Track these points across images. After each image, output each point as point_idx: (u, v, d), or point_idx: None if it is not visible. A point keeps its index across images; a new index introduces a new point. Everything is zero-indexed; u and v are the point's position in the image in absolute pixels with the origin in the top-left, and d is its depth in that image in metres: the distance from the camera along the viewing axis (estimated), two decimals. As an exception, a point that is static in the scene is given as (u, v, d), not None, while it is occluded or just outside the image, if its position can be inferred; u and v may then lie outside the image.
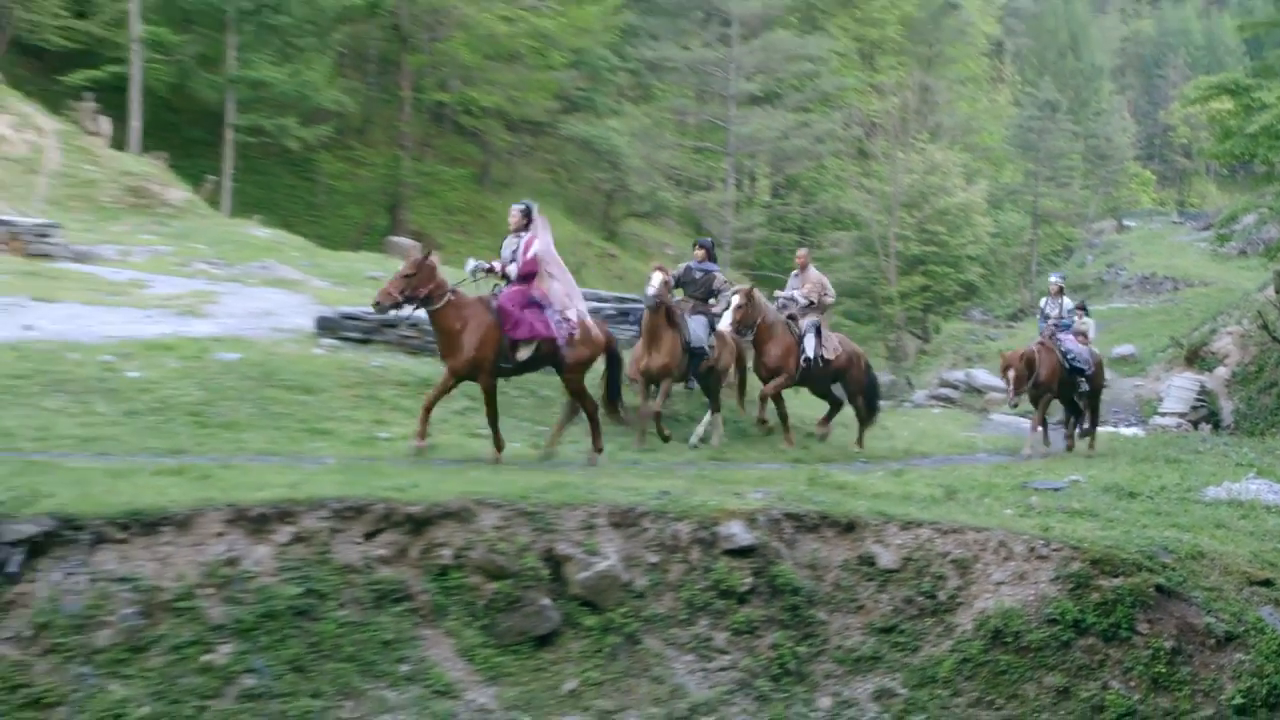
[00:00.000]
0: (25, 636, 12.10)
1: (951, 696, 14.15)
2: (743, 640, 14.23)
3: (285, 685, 12.33)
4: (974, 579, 15.03)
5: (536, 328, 16.54)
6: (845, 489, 16.76)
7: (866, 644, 14.57)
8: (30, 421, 15.90)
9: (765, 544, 14.82)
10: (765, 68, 69.82)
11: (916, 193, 66.78)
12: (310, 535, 13.35)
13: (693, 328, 19.53)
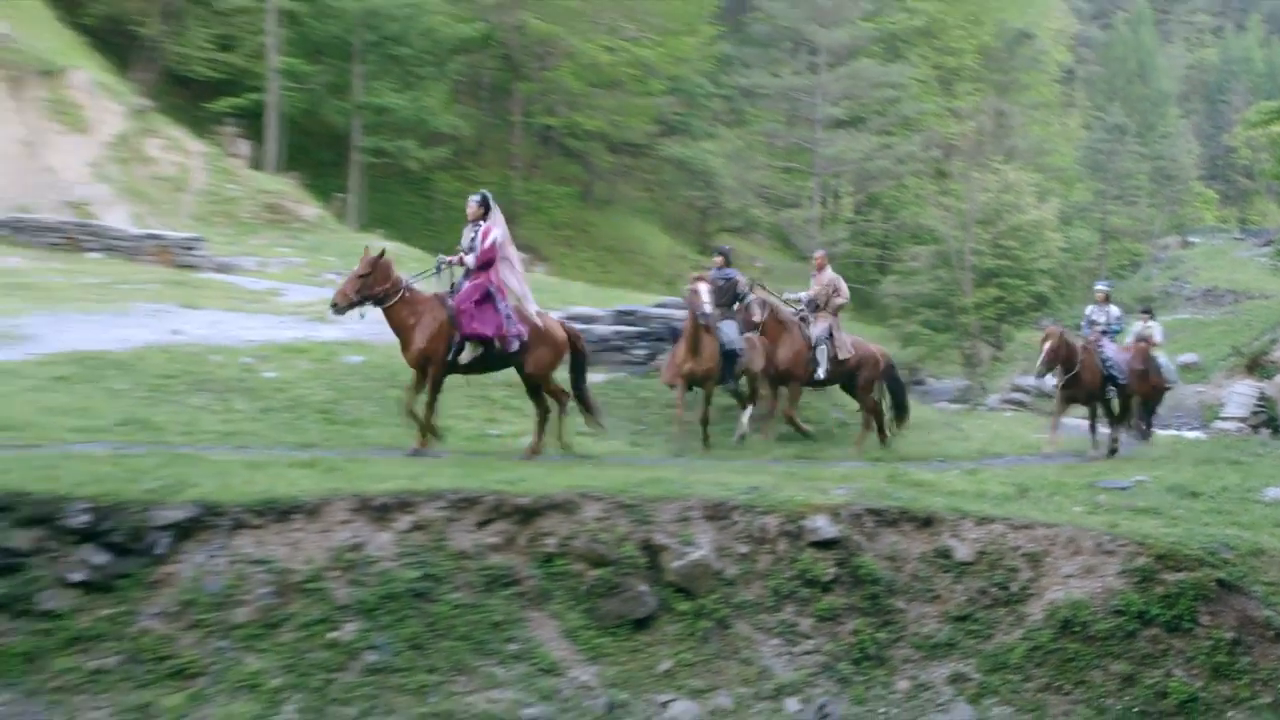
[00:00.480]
0: (171, 612, 12.25)
1: (1022, 681, 14.03)
2: (826, 626, 14.17)
3: (404, 661, 12.40)
4: (1044, 572, 14.89)
5: (489, 326, 15.92)
6: (923, 486, 16.63)
7: (942, 631, 14.46)
8: (178, 417, 16.09)
9: (848, 537, 14.75)
10: (850, 94, 69.66)
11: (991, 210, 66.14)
12: (428, 523, 13.42)
13: (726, 331, 19.00)
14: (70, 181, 38.19)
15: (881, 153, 69.59)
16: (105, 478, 13.10)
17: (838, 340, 20.65)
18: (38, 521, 12.40)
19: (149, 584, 12.43)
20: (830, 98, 68.46)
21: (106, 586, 12.35)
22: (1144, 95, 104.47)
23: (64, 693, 11.69)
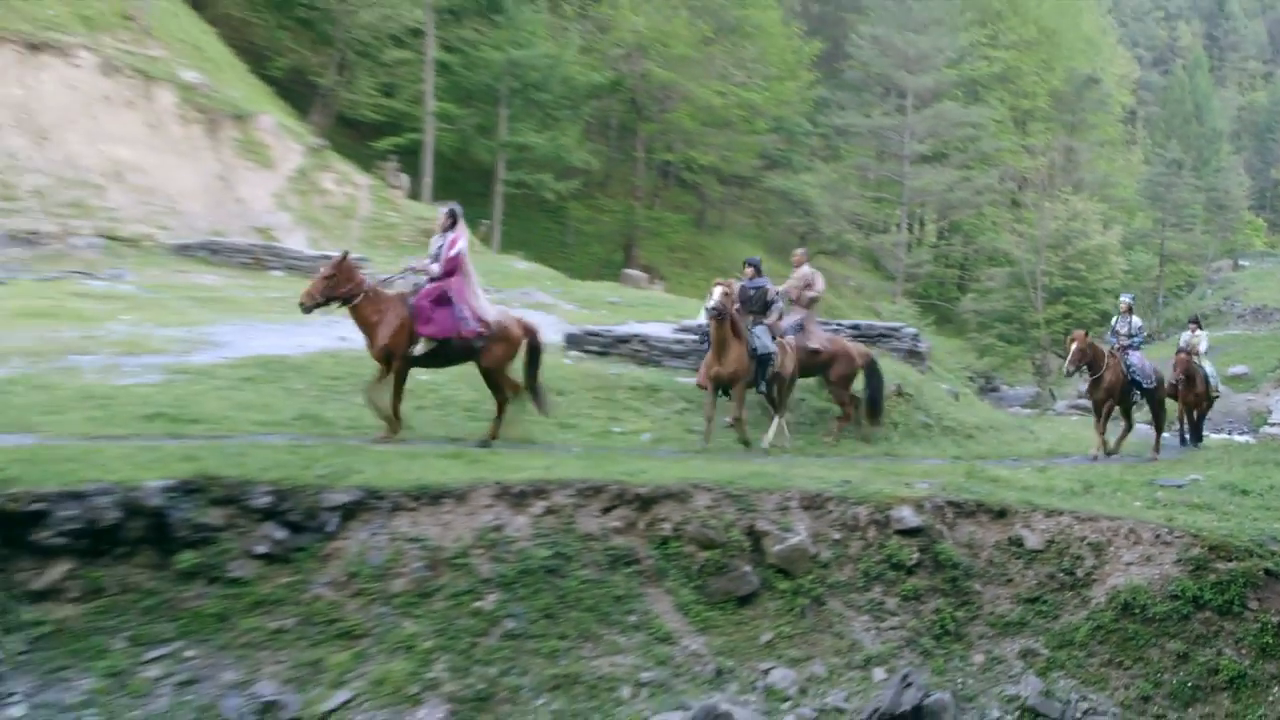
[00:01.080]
0: (339, 581, 12.43)
1: (1086, 657, 13.87)
2: (910, 605, 14.10)
3: (538, 629, 12.48)
4: (1107, 560, 14.72)
5: (444, 326, 15.26)
6: (997, 482, 16.48)
7: (1014, 611, 14.34)
8: (344, 413, 16.28)
9: (930, 526, 14.67)
10: (934, 133, 69.28)
11: (1060, 236, 65.47)
12: (559, 509, 13.50)
13: (758, 336, 18.20)
14: (257, 210, 38.79)
15: (962, 185, 69.22)
16: (284, 464, 13.32)
17: (809, 331, 20.07)
18: (228, 501, 12.65)
19: (320, 557, 12.63)
20: (916, 136, 68.18)
21: (284, 558, 12.57)
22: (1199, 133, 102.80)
23: (249, 649, 11.90)
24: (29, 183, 33.69)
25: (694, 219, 69.60)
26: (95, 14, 39.83)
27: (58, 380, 16.52)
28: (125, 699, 11.28)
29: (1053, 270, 64.29)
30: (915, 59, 69.43)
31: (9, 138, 34.38)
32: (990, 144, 72.51)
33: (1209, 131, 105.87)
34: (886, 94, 72.02)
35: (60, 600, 11.91)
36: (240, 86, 44.03)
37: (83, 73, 36.91)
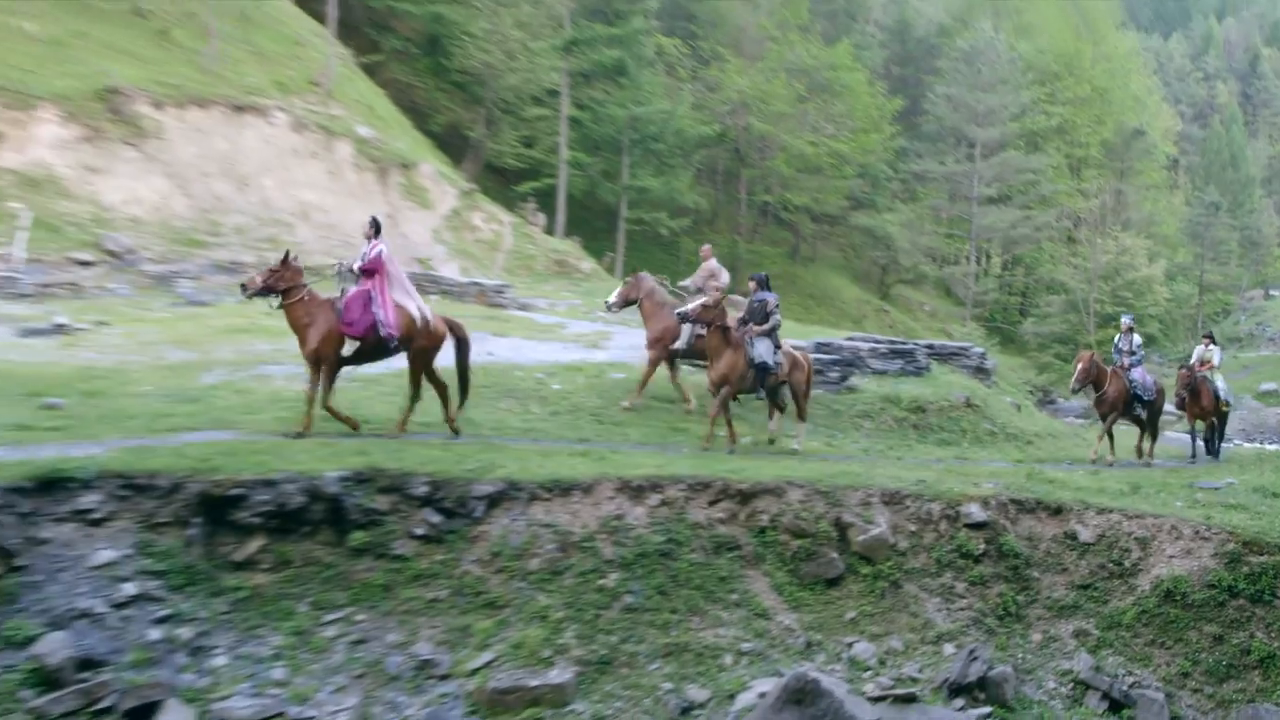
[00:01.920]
0: (484, 560, 12.55)
1: (1132, 638, 13.65)
2: (976, 589, 13.95)
3: (653, 603, 12.50)
4: (1152, 552, 14.46)
5: (360, 327, 14.38)
6: (1054, 483, 16.23)
7: (1069, 596, 14.14)
8: (490, 417, 16.42)
9: (995, 520, 14.51)
10: (1000, 178, 68.63)
11: (1111, 268, 64.52)
12: (672, 501, 13.52)
13: (758, 348, 17.01)
14: (418, 244, 39.26)
15: (1023, 223, 68.47)
16: (439, 460, 13.48)
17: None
18: (392, 490, 12.83)
19: (469, 538, 12.76)
20: (984, 180, 67.60)
21: (439, 539, 12.72)
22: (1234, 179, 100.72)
23: (409, 615, 12.05)
24: (232, 221, 34.44)
25: (789, 251, 69.35)
26: (288, 80, 40.65)
27: (253, 386, 16.86)
28: (307, 654, 11.48)
29: (1104, 298, 63.36)
30: (983, 114, 68.85)
31: (216, 184, 35.16)
32: (1048, 187, 71.59)
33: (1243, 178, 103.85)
34: (958, 144, 71.35)
35: (255, 570, 12.17)
36: (405, 140, 44.64)
37: (277, 130, 37.67)
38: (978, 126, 68.87)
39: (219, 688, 10.78)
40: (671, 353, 18.68)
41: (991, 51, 70.63)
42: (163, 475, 12.32)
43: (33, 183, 31.26)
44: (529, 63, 51.35)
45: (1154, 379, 21.62)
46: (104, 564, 11.60)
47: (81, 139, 33.08)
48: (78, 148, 32.89)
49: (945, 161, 70.14)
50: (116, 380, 16.55)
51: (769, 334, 17.21)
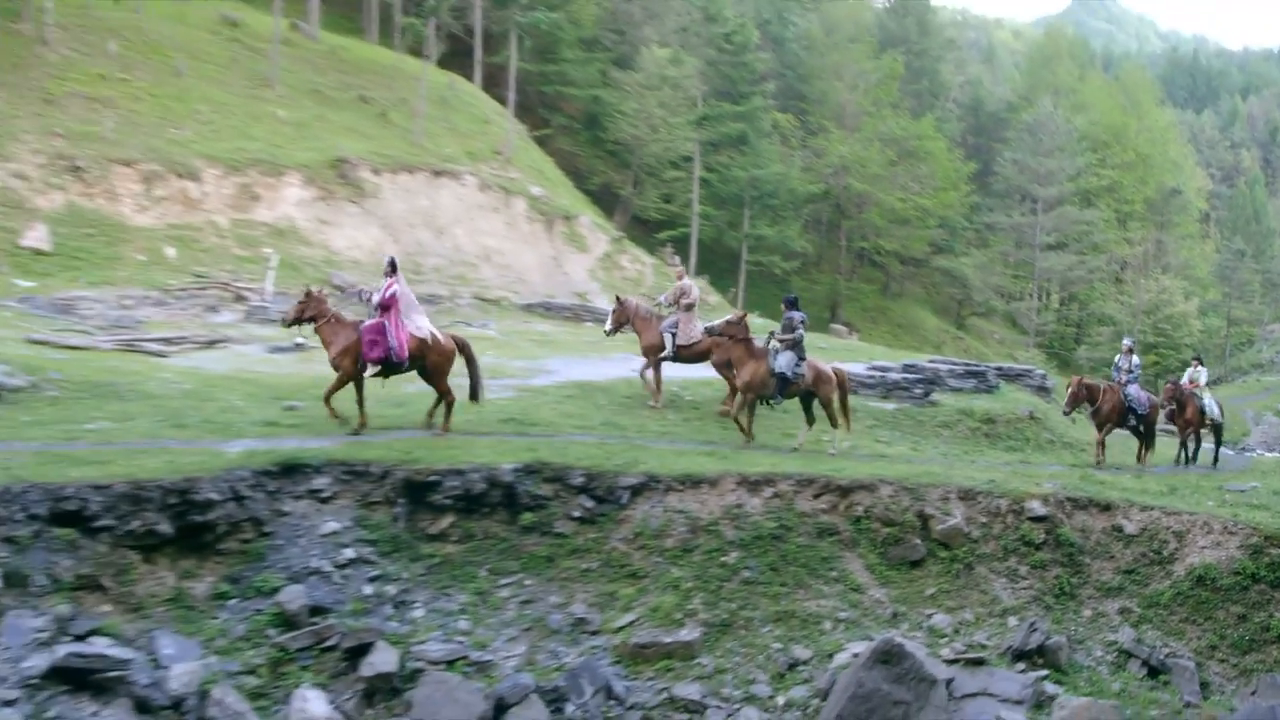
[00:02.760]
0: (628, 538, 12.61)
1: (1169, 615, 13.19)
2: (1036, 572, 13.58)
3: (766, 578, 12.44)
4: (1186, 544, 13.92)
5: (379, 352, 14.08)
6: (1104, 484, 15.71)
7: (1114, 579, 13.69)
8: (634, 422, 16.46)
9: (1053, 515, 14.10)
10: (1058, 228, 67.06)
11: (1152, 305, 62.68)
12: (783, 494, 13.43)
13: (780, 360, 15.98)
14: (576, 281, 39.66)
15: (1078, 266, 66.81)
16: (593, 456, 13.58)
17: (682, 329, 18.09)
18: (555, 480, 12.97)
19: (616, 521, 12.83)
20: (1044, 230, 66.12)
21: (592, 520, 12.81)
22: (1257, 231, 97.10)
23: (566, 582, 12.15)
24: (430, 263, 35.17)
25: (880, 288, 68.54)
26: (476, 150, 41.43)
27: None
28: (486, 610, 11.65)
29: (1146, 329, 61.55)
30: (1044, 175, 67.40)
31: (419, 233, 35.96)
32: (1100, 236, 69.67)
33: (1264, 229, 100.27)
34: (1022, 200, 69.89)
35: (446, 541, 12.40)
36: (568, 197, 45.15)
37: (467, 190, 38.39)
38: (1039, 186, 67.41)
39: (417, 634, 11.00)
40: (660, 358, 18.19)
41: (1051, 124, 69.12)
42: (376, 464, 12.64)
43: (280, 232, 32.34)
44: (668, 134, 51.64)
45: (1148, 395, 20.36)
46: (330, 533, 11.93)
47: (317, 198, 34.14)
48: (314, 205, 33.95)
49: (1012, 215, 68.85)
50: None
51: (792, 347, 16.24)
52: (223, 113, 35.74)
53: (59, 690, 8.87)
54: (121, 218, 29.63)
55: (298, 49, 43.54)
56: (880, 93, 65.64)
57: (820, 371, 16.51)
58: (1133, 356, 20.13)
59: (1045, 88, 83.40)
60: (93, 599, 10.18)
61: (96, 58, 35.19)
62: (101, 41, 36.00)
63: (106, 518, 10.63)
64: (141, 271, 27.73)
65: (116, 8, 39.66)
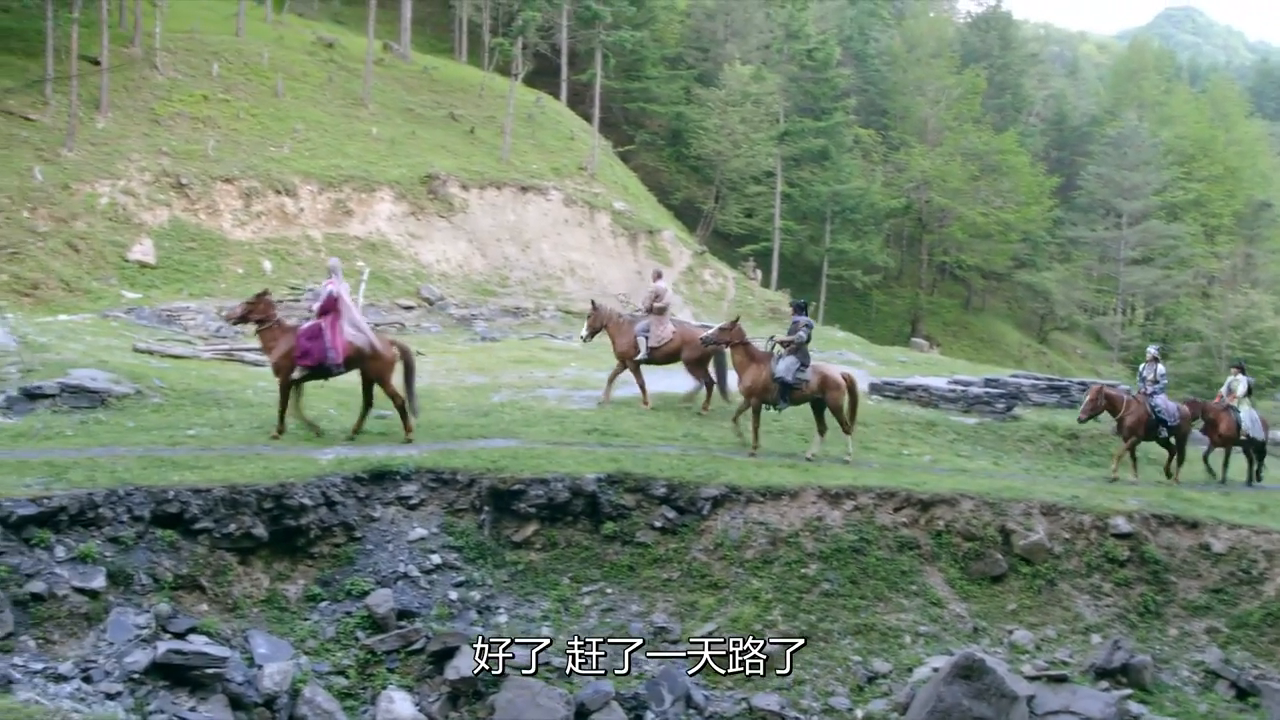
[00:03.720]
0: (709, 549, 12.56)
1: (1259, 636, 12.76)
2: (1120, 589, 13.21)
3: (845, 590, 12.29)
4: (1277, 563, 13.45)
5: (312, 357, 13.62)
6: (1190, 501, 15.24)
7: (1202, 598, 13.25)
8: (715, 434, 16.34)
9: (1138, 532, 13.71)
10: (1143, 242, 65.38)
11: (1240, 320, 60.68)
12: (863, 507, 13.26)
13: (780, 365, 15.39)
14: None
15: (1164, 281, 65.07)
16: (674, 467, 13.56)
17: (654, 332, 17.79)
18: (637, 490, 12.97)
19: (697, 531, 12.79)
20: (1129, 245, 64.52)
21: (673, 531, 12.79)
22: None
23: (648, 591, 12.14)
24: (516, 276, 35.51)
25: (962, 303, 67.44)
26: (561, 166, 41.75)
27: (531, 404, 17.27)
28: (568, 617, 11.68)
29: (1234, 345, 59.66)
30: (1129, 189, 65.85)
31: (506, 247, 36.34)
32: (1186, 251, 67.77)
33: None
34: (1107, 214, 68.25)
35: (529, 549, 12.48)
36: (651, 212, 45.26)
37: (552, 205, 38.69)
38: (1124, 200, 65.88)
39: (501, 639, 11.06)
40: (637, 361, 17.94)
41: (1136, 137, 67.55)
42: (462, 472, 12.77)
43: (372, 246, 32.91)
44: (750, 150, 51.54)
45: (1177, 405, 18.65)
46: (417, 539, 12.08)
47: (408, 213, 34.70)
48: (405, 220, 34.51)
49: (1096, 229, 67.32)
50: (429, 398, 17.20)
51: (795, 351, 15.68)
52: (318, 131, 36.54)
53: (159, 685, 9.10)
54: (222, 232, 30.42)
55: (390, 69, 44.35)
56: (962, 107, 64.79)
57: (827, 377, 15.79)
58: (1158, 365, 18.66)
59: (1130, 101, 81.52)
60: (191, 598, 10.43)
61: (200, 79, 36.22)
62: (205, 64, 37.04)
63: (205, 520, 10.90)
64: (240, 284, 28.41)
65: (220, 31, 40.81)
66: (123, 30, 37.13)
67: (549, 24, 50.32)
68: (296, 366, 13.71)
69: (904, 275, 65.10)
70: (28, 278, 24.88)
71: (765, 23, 60.26)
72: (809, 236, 53.98)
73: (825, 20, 64.19)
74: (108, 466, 11.26)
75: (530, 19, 45.27)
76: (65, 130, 30.17)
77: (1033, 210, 63.16)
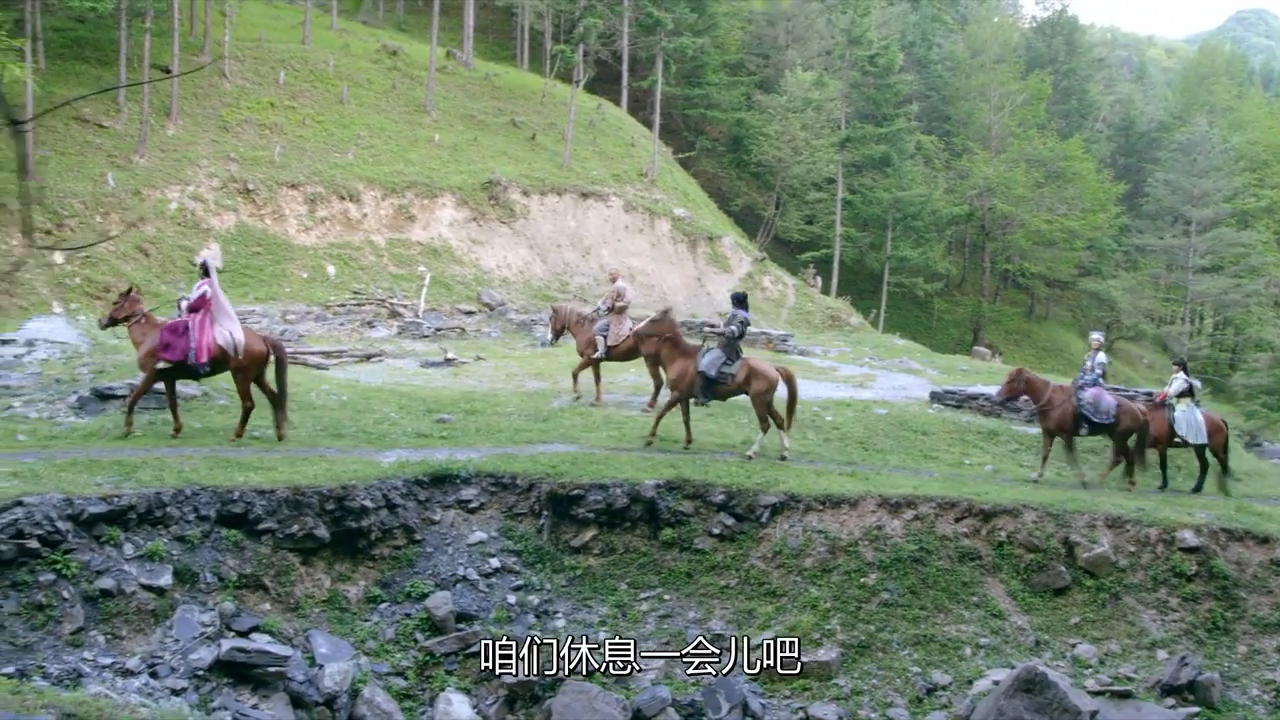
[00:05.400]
0: (767, 557, 12.49)
1: (1332, 655, 12.39)
2: (1188, 605, 12.91)
3: (905, 600, 12.14)
4: (1352, 582, 13.09)
5: (175, 351, 13.22)
6: (1261, 516, 14.83)
7: (1273, 615, 12.90)
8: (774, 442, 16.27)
9: (1206, 546, 13.39)
10: (1212, 250, 64.02)
11: (1316, 327, 59.38)
12: (924, 516, 13.10)
13: (704, 359, 15.02)
14: (719, 300, 39.58)
15: (1234, 290, 63.63)
16: (733, 474, 13.52)
17: (612, 331, 17.66)
18: (695, 497, 12.96)
19: (755, 539, 12.74)
20: (1198, 253, 63.20)
21: (731, 538, 12.75)
22: None
23: (705, 598, 12.11)
24: (576, 282, 35.65)
25: (1025, 311, 66.60)
26: (622, 173, 41.86)
27: (590, 410, 17.31)
28: (626, 623, 11.69)
29: (1307, 355, 58.24)
30: (1198, 196, 64.53)
31: (566, 253, 36.52)
32: (1258, 259, 66.23)
33: None
34: (1175, 222, 66.95)
35: (588, 554, 12.51)
36: (711, 218, 45.20)
37: (612, 211, 38.81)
38: (1193, 207, 64.57)
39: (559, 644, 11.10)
40: (594, 359, 17.97)
41: (1207, 143, 66.18)
42: (522, 476, 12.85)
43: (434, 252, 33.23)
44: (811, 156, 51.35)
45: (1115, 400, 16.66)
46: (477, 542, 12.17)
47: (469, 219, 34.99)
48: (466, 226, 34.80)
49: (1164, 236, 66.05)
50: (489, 402, 17.34)
51: (725, 345, 15.24)
52: (382, 137, 36.99)
53: (223, 682, 9.24)
54: (287, 237, 30.90)
55: (453, 76, 44.79)
56: (1027, 113, 63.98)
57: (754, 370, 15.15)
58: (1098, 355, 16.91)
59: (1200, 106, 79.95)
60: (254, 597, 10.59)
61: (267, 87, 36.84)
62: (272, 72, 37.67)
63: (269, 521, 11.06)
64: (304, 288, 28.85)
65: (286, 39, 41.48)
66: (193, 39, 37.89)
67: (610, 31, 50.52)
68: (160, 360, 13.41)
69: (966, 283, 64.42)
70: (99, 280, 25.50)
71: (827, 28, 60.04)
72: (870, 243, 53.63)
73: (888, 26, 63.72)
74: (175, 466, 11.48)
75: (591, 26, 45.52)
76: (137, 137, 30.86)
77: (1098, 217, 62.22)
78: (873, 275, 54.78)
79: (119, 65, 32.04)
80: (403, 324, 27.82)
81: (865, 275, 55.50)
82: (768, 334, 31.00)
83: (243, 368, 13.63)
